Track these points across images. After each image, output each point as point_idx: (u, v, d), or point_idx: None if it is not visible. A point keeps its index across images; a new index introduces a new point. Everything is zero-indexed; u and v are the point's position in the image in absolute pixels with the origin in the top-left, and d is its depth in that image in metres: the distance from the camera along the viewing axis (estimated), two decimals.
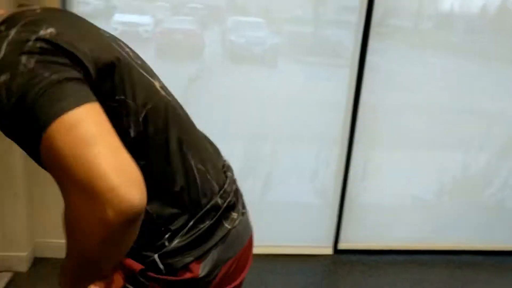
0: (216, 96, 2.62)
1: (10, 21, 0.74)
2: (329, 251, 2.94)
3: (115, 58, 0.80)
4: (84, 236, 0.67)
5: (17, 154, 2.38)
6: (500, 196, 3.01)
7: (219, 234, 0.94)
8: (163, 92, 0.91)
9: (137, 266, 0.89)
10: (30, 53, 0.69)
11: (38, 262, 2.63)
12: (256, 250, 2.77)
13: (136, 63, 0.88)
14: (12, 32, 0.71)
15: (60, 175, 0.66)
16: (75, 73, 0.71)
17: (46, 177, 2.50)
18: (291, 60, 2.65)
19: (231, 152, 2.72)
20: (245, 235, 1.03)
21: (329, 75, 2.67)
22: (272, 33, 2.63)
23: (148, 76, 0.89)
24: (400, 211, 2.96)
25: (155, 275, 0.88)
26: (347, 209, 2.89)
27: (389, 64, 2.68)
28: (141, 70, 0.88)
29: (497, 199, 3.01)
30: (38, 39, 0.71)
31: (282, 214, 2.86)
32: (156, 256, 0.88)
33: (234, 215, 0.99)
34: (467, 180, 2.95)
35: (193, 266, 0.90)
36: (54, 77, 0.68)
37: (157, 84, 0.91)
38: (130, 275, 0.89)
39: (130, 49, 0.92)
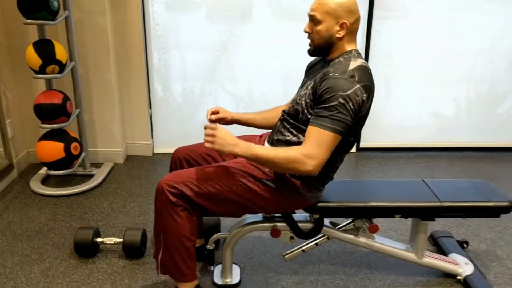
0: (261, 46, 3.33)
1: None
2: (353, 149, 3.66)
3: None
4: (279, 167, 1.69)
5: (113, 74, 3.20)
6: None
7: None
8: None
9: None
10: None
11: (129, 158, 3.50)
12: None
13: None
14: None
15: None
16: None
17: (133, 92, 3.34)
18: None
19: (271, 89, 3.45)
20: None
21: None
22: None
23: None
24: (410, 118, 3.64)
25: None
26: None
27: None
28: None
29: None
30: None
31: None
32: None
33: None
34: (467, 100, 3.57)
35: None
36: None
37: None
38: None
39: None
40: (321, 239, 2.06)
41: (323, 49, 1.77)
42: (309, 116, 1.71)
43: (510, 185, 3.09)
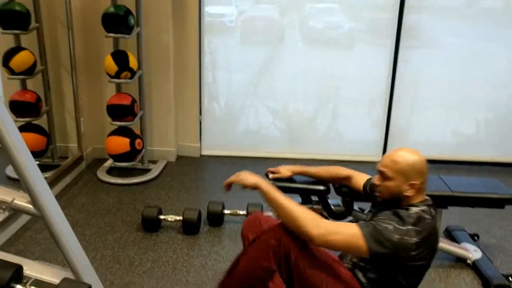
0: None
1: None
2: (379, 158, 4.03)
3: None
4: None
5: (171, 84, 3.70)
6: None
7: None
8: None
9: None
10: None
11: (179, 157, 3.97)
12: (333, 157, 3.96)
13: None
14: None
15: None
16: None
17: (187, 100, 3.84)
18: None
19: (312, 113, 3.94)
20: None
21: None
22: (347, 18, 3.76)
23: None
24: (433, 136, 4.01)
25: None
26: (392, 131, 3.99)
27: None
28: None
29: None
30: None
31: (347, 134, 4.02)
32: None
33: None
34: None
35: None
36: None
37: None
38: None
39: None
40: (350, 221, 2.44)
41: (390, 203, 1.76)
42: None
43: None
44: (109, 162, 3.61)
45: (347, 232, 1.64)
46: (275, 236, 1.71)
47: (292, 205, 1.68)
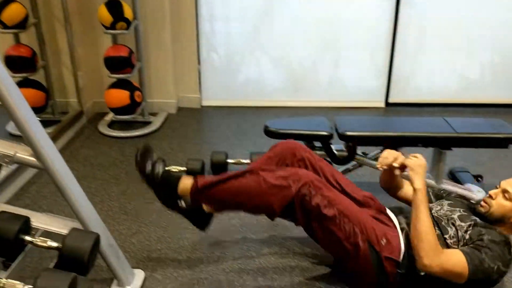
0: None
1: None
2: (381, 104, 4.01)
3: None
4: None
5: (168, 33, 3.61)
6: None
7: None
8: None
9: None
10: None
11: (180, 109, 3.94)
12: (335, 104, 3.93)
13: None
14: None
15: None
16: None
17: (185, 50, 3.75)
18: None
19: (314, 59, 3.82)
20: None
21: None
22: None
23: None
24: (438, 79, 3.95)
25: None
26: (395, 77, 3.92)
27: None
28: None
29: None
30: None
31: (349, 80, 3.96)
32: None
33: None
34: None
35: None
36: None
37: None
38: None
39: None
40: (354, 165, 2.45)
41: (492, 220, 1.80)
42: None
43: None
44: (110, 116, 3.59)
45: (456, 270, 1.67)
46: (303, 187, 1.73)
47: (428, 227, 1.69)
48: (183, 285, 1.93)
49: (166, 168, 2.71)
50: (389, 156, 1.87)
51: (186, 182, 1.89)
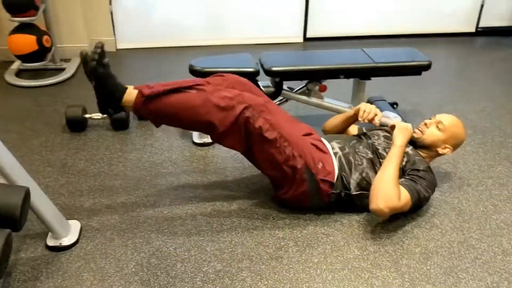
0: None
1: None
2: (300, 39, 4.06)
3: None
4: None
5: None
6: None
7: None
8: None
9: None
10: None
11: None
12: (255, 41, 3.91)
13: None
14: None
15: None
16: None
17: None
18: None
19: None
20: None
21: None
22: None
23: None
24: (352, 9, 4.04)
25: None
26: (311, 10, 3.95)
27: None
28: None
29: None
30: None
31: (265, 17, 3.93)
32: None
33: None
34: None
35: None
36: None
37: None
38: None
39: None
40: (281, 100, 2.50)
41: (420, 145, 2.03)
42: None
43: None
44: (17, 64, 3.31)
45: (401, 209, 1.83)
46: (247, 109, 1.76)
47: (392, 177, 1.81)
48: (123, 231, 1.92)
49: (87, 115, 2.63)
50: (367, 109, 2.03)
51: (131, 94, 1.79)
